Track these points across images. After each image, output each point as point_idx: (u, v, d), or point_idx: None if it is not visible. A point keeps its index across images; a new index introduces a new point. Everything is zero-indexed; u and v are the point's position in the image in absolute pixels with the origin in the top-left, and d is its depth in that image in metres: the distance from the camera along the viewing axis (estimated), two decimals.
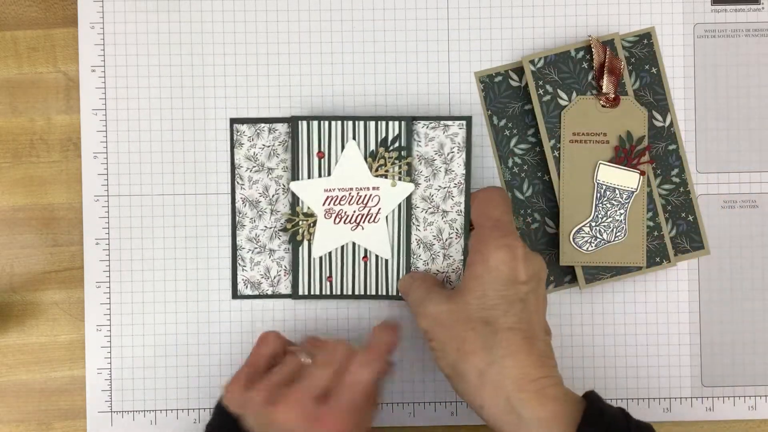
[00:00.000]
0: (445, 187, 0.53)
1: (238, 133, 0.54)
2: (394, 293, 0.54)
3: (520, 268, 0.46)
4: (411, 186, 0.53)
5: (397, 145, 0.53)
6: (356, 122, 0.53)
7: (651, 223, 0.54)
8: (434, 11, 0.55)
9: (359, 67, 0.55)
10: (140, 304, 0.55)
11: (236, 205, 0.54)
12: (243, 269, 0.54)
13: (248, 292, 0.54)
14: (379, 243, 0.53)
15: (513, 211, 0.53)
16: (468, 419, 0.55)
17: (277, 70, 0.55)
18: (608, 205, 0.53)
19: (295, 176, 0.53)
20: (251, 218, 0.54)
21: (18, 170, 0.56)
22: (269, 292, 0.54)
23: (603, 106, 0.53)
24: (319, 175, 0.53)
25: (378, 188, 0.53)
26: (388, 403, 0.55)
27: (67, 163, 0.55)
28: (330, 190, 0.53)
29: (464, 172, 0.53)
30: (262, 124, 0.54)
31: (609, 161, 0.53)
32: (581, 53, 0.54)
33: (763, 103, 0.56)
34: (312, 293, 0.54)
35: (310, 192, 0.53)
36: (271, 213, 0.54)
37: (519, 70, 0.55)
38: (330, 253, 0.54)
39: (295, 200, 0.53)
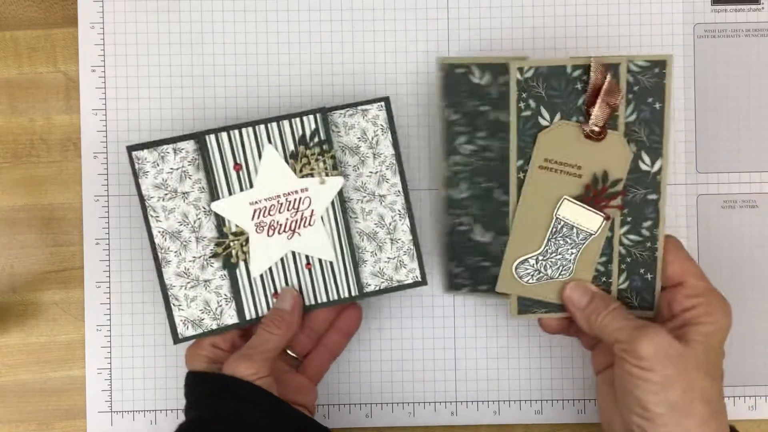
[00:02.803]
0: (376, 172, 0.50)
1: (140, 161, 0.49)
2: (347, 295, 0.51)
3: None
4: (341, 179, 0.50)
5: (317, 139, 0.49)
6: (268, 125, 0.49)
7: (602, 269, 0.50)
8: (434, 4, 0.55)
9: (360, 66, 0.55)
10: (140, 304, 0.55)
11: (155, 240, 0.49)
12: (179, 309, 0.50)
13: (190, 332, 0.50)
14: (319, 246, 0.50)
15: (445, 209, 0.52)
16: (468, 419, 0.55)
17: (277, 70, 0.55)
18: (561, 242, 0.49)
19: (214, 196, 0.49)
20: (176, 251, 0.49)
21: (18, 170, 0.56)
22: (214, 327, 0.50)
23: (586, 136, 0.48)
24: (241, 189, 0.49)
25: (306, 189, 0.49)
26: (388, 403, 0.55)
27: (67, 163, 0.55)
28: (256, 202, 0.49)
29: (393, 152, 0.50)
30: (166, 146, 0.49)
31: (576, 197, 0.49)
32: (578, 72, 0.48)
33: (763, 103, 0.56)
34: (260, 315, 0.50)
35: (235, 209, 0.49)
36: (197, 241, 0.50)
37: (483, 67, 0.50)
38: (270, 269, 0.50)
39: (220, 221, 0.49)
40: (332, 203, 0.50)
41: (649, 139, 0.49)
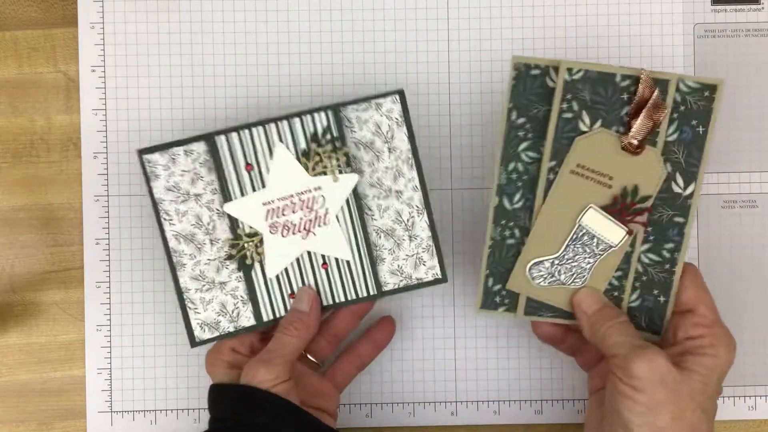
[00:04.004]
0: (392, 167, 0.49)
1: (150, 164, 0.48)
2: (365, 294, 0.50)
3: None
4: (355, 176, 0.49)
5: (329, 136, 0.48)
6: (279, 123, 0.48)
7: (616, 282, 0.49)
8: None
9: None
10: (140, 304, 0.55)
11: (169, 244, 0.49)
12: (196, 312, 0.50)
13: (207, 336, 0.50)
14: (335, 246, 0.49)
15: (493, 219, 0.48)
16: (468, 419, 0.55)
17: (277, 70, 0.55)
18: (580, 250, 0.48)
19: (227, 197, 0.49)
20: (190, 254, 0.49)
21: (18, 170, 0.56)
22: (231, 329, 0.50)
23: (623, 148, 0.46)
24: (254, 190, 0.49)
25: (320, 188, 0.49)
26: (389, 403, 0.55)
27: (67, 163, 0.56)
28: (269, 202, 0.49)
29: (409, 146, 0.49)
30: (177, 148, 0.48)
31: (602, 207, 0.47)
32: (627, 82, 0.46)
33: (763, 103, 0.56)
34: (277, 316, 0.50)
35: (248, 210, 0.49)
36: (211, 243, 0.49)
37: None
38: (286, 270, 0.50)
39: (234, 222, 0.49)
40: (347, 201, 0.49)
41: (685, 162, 0.47)
